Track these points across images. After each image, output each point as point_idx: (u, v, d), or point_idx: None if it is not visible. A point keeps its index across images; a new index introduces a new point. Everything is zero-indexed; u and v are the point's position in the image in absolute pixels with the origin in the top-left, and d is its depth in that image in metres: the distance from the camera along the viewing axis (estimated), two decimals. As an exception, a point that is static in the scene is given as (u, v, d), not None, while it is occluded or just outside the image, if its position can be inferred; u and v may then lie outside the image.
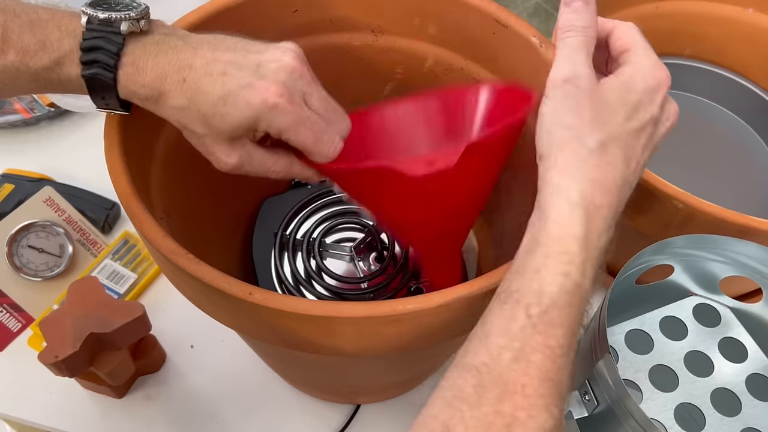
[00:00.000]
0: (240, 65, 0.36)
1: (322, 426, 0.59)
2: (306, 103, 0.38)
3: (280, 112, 0.36)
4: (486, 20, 0.49)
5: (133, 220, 0.37)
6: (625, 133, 0.35)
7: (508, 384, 0.30)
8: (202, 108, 0.36)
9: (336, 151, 0.40)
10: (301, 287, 0.54)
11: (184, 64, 0.36)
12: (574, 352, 0.32)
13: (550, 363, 0.30)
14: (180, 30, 0.39)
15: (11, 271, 0.62)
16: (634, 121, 0.35)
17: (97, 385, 0.57)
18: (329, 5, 0.51)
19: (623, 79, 0.36)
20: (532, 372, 0.30)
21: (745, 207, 0.52)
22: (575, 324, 0.32)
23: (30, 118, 0.77)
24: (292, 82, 0.37)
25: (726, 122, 0.77)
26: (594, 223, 0.33)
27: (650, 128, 0.36)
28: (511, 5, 1.92)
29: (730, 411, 0.47)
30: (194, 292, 0.38)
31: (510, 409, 0.29)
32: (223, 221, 0.55)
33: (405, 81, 0.57)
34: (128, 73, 0.35)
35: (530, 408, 0.29)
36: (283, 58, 0.37)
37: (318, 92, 0.39)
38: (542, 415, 0.29)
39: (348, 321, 0.34)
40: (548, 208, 0.34)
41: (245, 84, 0.36)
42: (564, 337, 0.31)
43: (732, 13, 0.73)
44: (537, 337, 0.31)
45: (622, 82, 0.36)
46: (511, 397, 0.29)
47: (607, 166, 0.34)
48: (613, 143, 0.34)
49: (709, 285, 0.52)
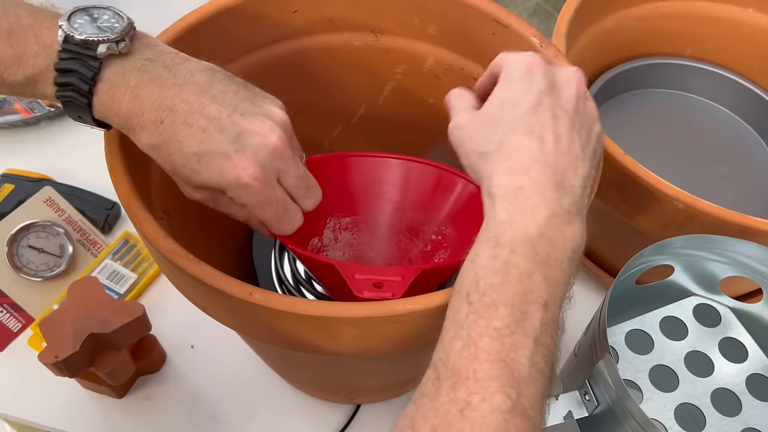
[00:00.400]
0: (222, 127, 0.35)
1: (322, 426, 0.59)
2: (280, 180, 0.38)
3: (250, 191, 0.36)
4: (486, 20, 0.49)
5: (133, 221, 0.37)
6: (520, 118, 0.36)
7: (460, 371, 0.30)
8: (174, 156, 0.35)
9: (293, 228, 0.41)
10: (302, 287, 0.54)
11: (165, 105, 0.34)
12: (532, 330, 0.31)
13: (498, 344, 0.30)
14: (166, 52, 0.36)
15: (11, 271, 0.62)
16: (524, 103, 0.37)
17: (97, 385, 0.57)
18: (329, 5, 0.51)
19: (497, 88, 0.38)
20: (482, 356, 0.30)
21: (745, 207, 0.52)
22: (520, 301, 0.31)
23: (30, 118, 0.77)
24: (271, 162, 0.36)
25: (726, 122, 0.77)
26: (519, 203, 0.34)
27: (547, 99, 0.37)
28: (511, 5, 1.92)
29: (731, 411, 0.47)
30: (194, 293, 0.38)
31: (464, 395, 0.29)
32: (223, 221, 0.55)
33: (405, 81, 0.57)
34: (102, 100, 0.34)
35: (483, 391, 0.29)
36: (268, 136, 0.36)
37: (295, 170, 0.39)
38: (496, 396, 0.29)
39: (348, 321, 0.34)
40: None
41: (223, 152, 0.34)
42: (508, 316, 0.31)
43: (732, 13, 0.73)
44: (480, 322, 0.31)
45: (496, 91, 0.38)
46: (464, 384, 0.29)
47: (515, 152, 0.36)
48: (512, 133, 0.36)
49: (710, 285, 0.52)
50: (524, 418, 0.29)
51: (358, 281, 0.40)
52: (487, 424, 0.28)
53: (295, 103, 0.57)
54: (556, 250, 0.33)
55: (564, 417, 0.41)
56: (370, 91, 0.58)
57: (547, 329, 0.32)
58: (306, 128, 0.60)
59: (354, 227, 0.55)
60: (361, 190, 0.54)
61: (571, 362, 0.52)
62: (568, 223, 0.34)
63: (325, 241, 0.54)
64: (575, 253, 0.35)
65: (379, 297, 0.40)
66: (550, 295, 0.32)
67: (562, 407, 0.41)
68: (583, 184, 0.36)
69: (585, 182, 0.36)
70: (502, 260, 0.32)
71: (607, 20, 0.70)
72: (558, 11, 0.64)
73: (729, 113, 0.78)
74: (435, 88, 0.56)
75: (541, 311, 0.32)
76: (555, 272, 0.33)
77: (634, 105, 0.77)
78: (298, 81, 0.55)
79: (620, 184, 0.53)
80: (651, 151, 0.71)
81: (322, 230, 0.54)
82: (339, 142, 0.61)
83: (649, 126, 0.75)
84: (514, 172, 0.35)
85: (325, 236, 0.54)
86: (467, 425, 0.28)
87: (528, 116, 0.36)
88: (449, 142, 0.41)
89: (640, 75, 0.77)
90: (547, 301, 0.32)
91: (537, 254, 0.33)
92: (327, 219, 0.54)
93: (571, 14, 0.61)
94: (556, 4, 1.96)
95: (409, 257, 0.54)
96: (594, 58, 0.71)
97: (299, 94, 0.57)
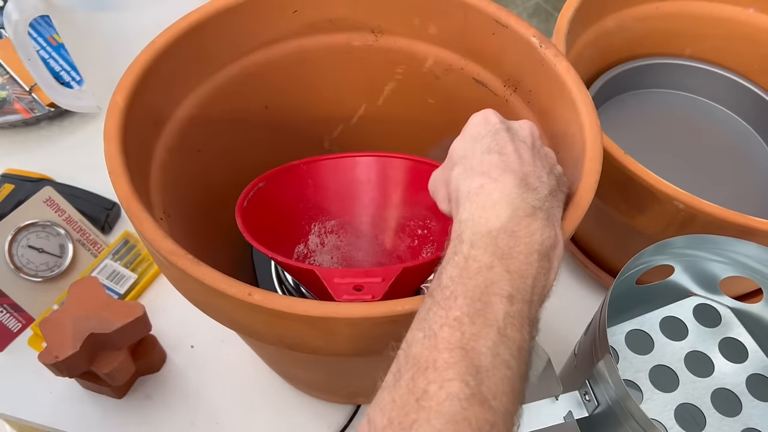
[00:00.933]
0: None
1: (322, 426, 0.59)
2: None
3: None
4: (486, 20, 0.49)
5: (133, 221, 0.37)
6: (480, 145, 0.38)
7: (420, 361, 0.29)
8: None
9: None
10: (302, 287, 0.54)
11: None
12: (495, 321, 0.30)
13: (458, 334, 0.29)
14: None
15: (11, 271, 0.62)
16: (484, 138, 0.38)
17: (97, 385, 0.57)
18: (329, 5, 0.51)
19: (458, 138, 0.40)
20: (442, 345, 0.29)
21: (745, 207, 0.52)
22: (480, 293, 0.31)
23: (30, 118, 0.77)
24: None
25: (726, 122, 0.77)
26: (479, 200, 0.34)
27: (505, 133, 0.38)
28: (510, 5, 1.92)
29: (731, 411, 0.47)
30: (194, 293, 0.38)
31: (423, 384, 0.28)
32: (222, 221, 0.55)
33: (405, 81, 0.57)
34: None
35: (441, 380, 0.28)
36: None
37: None
38: (453, 384, 0.28)
39: (346, 322, 0.34)
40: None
41: None
42: (467, 306, 0.30)
43: (732, 13, 0.73)
44: (440, 312, 0.30)
45: (456, 140, 0.40)
46: (423, 373, 0.29)
47: (477, 164, 0.36)
48: (472, 157, 0.37)
49: (710, 285, 0.52)
50: (485, 407, 0.28)
51: (338, 285, 0.40)
52: (443, 412, 0.27)
53: (295, 103, 0.58)
54: (521, 243, 0.33)
55: (564, 417, 0.41)
56: (370, 92, 0.58)
57: (513, 322, 0.31)
58: (306, 128, 0.60)
59: (340, 230, 0.55)
60: (341, 192, 0.55)
61: (571, 362, 0.52)
62: (533, 216, 0.34)
63: (312, 247, 0.54)
64: (544, 246, 0.34)
65: (358, 299, 0.40)
66: (514, 288, 0.32)
67: (562, 407, 0.41)
68: (547, 191, 0.36)
69: (550, 192, 0.36)
70: (463, 255, 0.33)
71: (607, 20, 0.70)
72: (558, 11, 0.64)
73: (729, 113, 0.78)
74: (435, 88, 0.56)
75: (505, 303, 0.31)
76: (519, 265, 0.32)
77: (634, 105, 0.77)
78: (298, 81, 0.55)
79: (620, 184, 0.53)
80: (651, 151, 0.71)
81: (307, 236, 0.54)
82: (339, 142, 0.61)
83: (649, 126, 0.75)
84: (475, 175, 0.36)
85: (311, 242, 0.54)
86: (423, 414, 0.27)
87: (487, 141, 0.38)
88: (449, 141, 0.41)
89: (640, 75, 0.77)
90: (512, 294, 0.31)
91: (498, 247, 0.32)
92: (311, 224, 0.54)
93: (571, 14, 0.61)
94: (556, 4, 1.96)
95: (397, 254, 0.54)
96: (594, 58, 0.71)
97: (299, 94, 0.57)
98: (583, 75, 0.46)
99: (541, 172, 0.37)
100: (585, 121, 0.43)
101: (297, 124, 0.59)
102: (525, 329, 0.31)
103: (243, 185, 0.51)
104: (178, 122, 0.48)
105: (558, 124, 0.47)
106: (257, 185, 0.51)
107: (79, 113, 0.80)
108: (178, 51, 0.46)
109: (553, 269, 0.34)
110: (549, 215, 0.35)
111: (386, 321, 0.34)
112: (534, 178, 0.36)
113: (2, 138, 0.78)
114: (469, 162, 0.37)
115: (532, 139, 0.39)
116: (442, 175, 0.40)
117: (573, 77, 0.45)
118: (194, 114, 0.50)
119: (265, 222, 0.50)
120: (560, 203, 0.38)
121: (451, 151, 0.40)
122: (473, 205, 0.34)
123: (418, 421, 0.27)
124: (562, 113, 0.46)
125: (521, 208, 0.34)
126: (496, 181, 0.35)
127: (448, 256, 0.33)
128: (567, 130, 0.45)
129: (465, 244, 0.33)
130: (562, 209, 0.38)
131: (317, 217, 0.54)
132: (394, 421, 0.28)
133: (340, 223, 0.55)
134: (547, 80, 0.47)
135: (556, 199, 0.37)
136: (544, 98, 0.49)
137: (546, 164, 0.38)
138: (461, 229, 0.34)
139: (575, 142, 0.44)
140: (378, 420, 0.28)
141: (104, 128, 0.40)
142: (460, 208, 0.35)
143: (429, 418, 0.27)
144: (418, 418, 0.27)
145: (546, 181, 0.36)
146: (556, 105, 0.47)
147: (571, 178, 0.42)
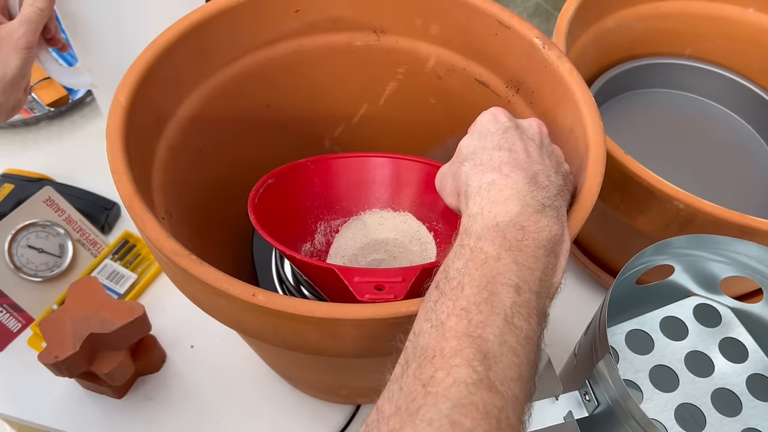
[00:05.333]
0: None
1: (322, 426, 0.59)
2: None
3: None
4: (488, 21, 0.49)
5: (135, 221, 0.37)
6: (490, 142, 0.38)
7: (428, 350, 0.29)
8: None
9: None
10: (302, 287, 0.54)
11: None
12: (502, 310, 0.30)
13: (465, 322, 0.30)
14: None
15: (11, 271, 0.62)
16: (493, 135, 0.39)
17: (97, 385, 0.57)
18: (331, 5, 0.51)
19: (467, 135, 0.41)
20: (449, 334, 0.29)
21: (745, 207, 0.52)
22: (487, 282, 0.31)
23: (30, 118, 0.77)
24: None
25: (726, 122, 0.78)
26: (491, 195, 0.35)
27: (513, 131, 0.39)
28: (511, 5, 1.92)
29: (731, 411, 0.47)
30: (196, 293, 0.38)
31: (430, 371, 0.28)
32: (223, 221, 0.55)
33: (407, 81, 0.57)
34: None
35: (448, 366, 0.28)
36: None
37: None
38: (461, 370, 0.28)
39: (351, 323, 0.34)
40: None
41: None
42: (474, 296, 0.30)
43: (732, 13, 0.73)
44: (447, 303, 0.31)
45: (466, 137, 0.41)
46: (430, 361, 0.29)
47: (487, 160, 0.37)
48: (482, 153, 0.38)
49: (710, 285, 0.52)
50: (492, 392, 0.28)
51: (359, 284, 0.40)
52: (450, 396, 0.27)
53: (297, 102, 0.58)
54: (528, 237, 0.33)
55: (564, 417, 0.41)
56: (372, 91, 0.58)
57: (520, 311, 0.31)
58: (307, 128, 0.60)
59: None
60: (349, 192, 0.54)
61: (571, 362, 0.52)
62: (542, 213, 0.34)
63: (317, 246, 0.54)
64: (551, 242, 0.34)
65: (381, 299, 0.39)
66: (522, 279, 0.32)
67: (562, 407, 0.41)
68: (556, 191, 0.36)
69: (558, 191, 0.36)
70: (469, 247, 0.33)
71: (607, 20, 0.70)
72: (558, 11, 0.64)
73: (729, 113, 0.78)
74: (437, 88, 0.56)
75: (512, 293, 0.31)
76: (527, 258, 0.33)
77: (634, 105, 0.77)
78: (299, 80, 0.55)
79: (620, 184, 0.53)
80: (651, 151, 0.71)
81: (314, 235, 0.54)
82: (340, 142, 0.61)
83: (649, 126, 0.75)
84: (486, 170, 0.36)
85: (317, 240, 0.54)
86: (430, 399, 0.27)
87: (497, 138, 0.38)
88: (451, 141, 0.41)
89: (640, 75, 0.77)
90: (519, 284, 0.31)
91: (506, 239, 0.33)
92: (317, 223, 0.54)
93: (572, 14, 0.61)
94: (556, 3, 1.96)
95: None
96: (594, 58, 0.71)
97: (300, 93, 0.57)
98: (583, 75, 0.46)
99: (549, 170, 0.37)
100: (588, 123, 0.43)
101: (298, 124, 0.59)
102: (533, 320, 0.31)
103: (243, 185, 0.51)
104: (179, 121, 0.48)
105: (561, 125, 0.47)
106: (266, 182, 0.51)
107: (79, 113, 0.80)
108: (180, 50, 0.46)
109: (560, 266, 0.35)
110: (558, 213, 0.35)
111: (392, 322, 0.34)
112: (543, 176, 0.36)
113: (2, 138, 0.78)
114: (479, 158, 0.38)
115: (541, 137, 0.40)
116: (450, 169, 0.41)
117: (576, 79, 0.45)
118: (196, 113, 0.49)
119: (274, 219, 0.50)
120: (567, 201, 0.38)
121: (460, 147, 0.40)
122: (483, 199, 0.35)
123: (425, 405, 0.27)
124: (565, 115, 0.46)
125: (531, 205, 0.34)
126: (508, 177, 0.35)
127: (455, 249, 0.34)
128: (570, 131, 0.45)
129: (472, 237, 0.33)
130: (567, 207, 0.38)
131: (324, 216, 0.54)
132: (401, 408, 0.28)
133: (347, 222, 0.55)
134: (549, 82, 0.47)
135: (563, 197, 0.37)
136: (547, 100, 0.49)
137: (554, 162, 0.39)
138: (470, 222, 0.34)
139: (578, 144, 0.44)
140: (386, 408, 0.28)
141: (106, 127, 0.40)
142: (470, 202, 0.36)
143: (436, 403, 0.27)
144: (425, 403, 0.27)
145: (554, 180, 0.37)
146: (558, 107, 0.47)
147: (573, 180, 0.42)
